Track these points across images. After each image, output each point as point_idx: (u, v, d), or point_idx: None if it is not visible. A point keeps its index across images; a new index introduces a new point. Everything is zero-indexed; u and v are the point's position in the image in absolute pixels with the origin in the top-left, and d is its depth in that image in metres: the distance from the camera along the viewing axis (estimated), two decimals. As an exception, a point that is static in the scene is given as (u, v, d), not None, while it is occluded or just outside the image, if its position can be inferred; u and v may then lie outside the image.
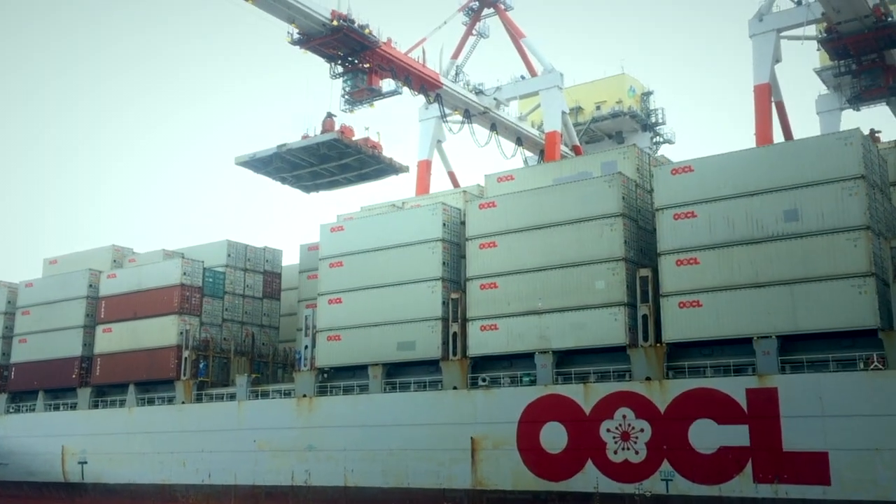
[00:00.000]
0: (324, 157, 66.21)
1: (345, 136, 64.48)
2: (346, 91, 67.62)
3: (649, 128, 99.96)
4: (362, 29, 64.55)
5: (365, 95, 67.38)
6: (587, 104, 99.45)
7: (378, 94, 68.45)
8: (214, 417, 67.91)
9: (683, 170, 49.81)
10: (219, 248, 79.07)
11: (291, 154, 65.64)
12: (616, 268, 51.05)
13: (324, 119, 66.09)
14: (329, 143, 64.31)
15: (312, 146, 64.72)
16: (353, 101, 67.89)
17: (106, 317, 77.84)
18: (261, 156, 66.11)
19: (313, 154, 65.85)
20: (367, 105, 68.57)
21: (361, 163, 67.46)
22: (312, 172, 68.75)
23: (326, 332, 63.12)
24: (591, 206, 52.63)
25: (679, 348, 48.99)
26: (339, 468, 59.69)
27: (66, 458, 77.02)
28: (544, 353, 52.81)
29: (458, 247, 60.29)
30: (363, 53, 65.87)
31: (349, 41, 64.49)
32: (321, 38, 63.61)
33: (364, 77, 66.73)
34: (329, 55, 66.21)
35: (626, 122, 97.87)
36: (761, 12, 72.12)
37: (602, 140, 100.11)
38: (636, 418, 48.47)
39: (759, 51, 72.18)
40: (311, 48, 64.86)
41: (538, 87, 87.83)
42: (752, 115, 70.63)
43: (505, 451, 52.75)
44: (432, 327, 57.87)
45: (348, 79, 67.08)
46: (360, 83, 66.68)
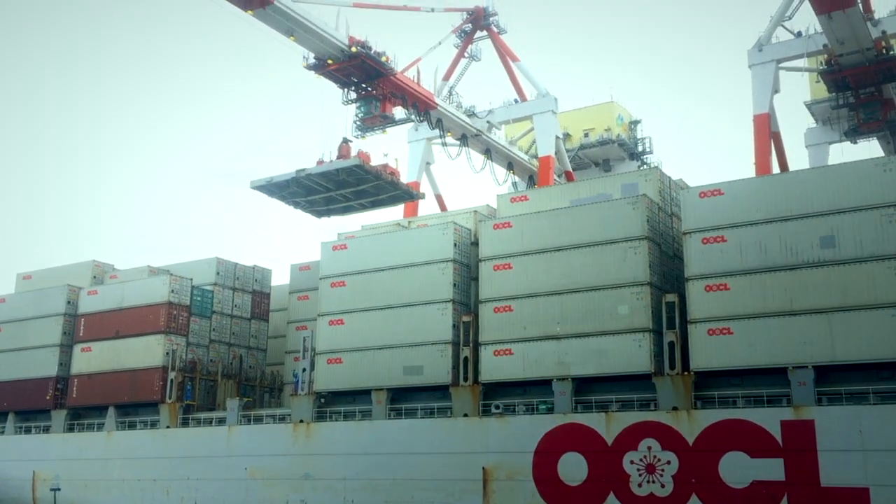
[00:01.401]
0: (342, 183, 65.16)
1: (366, 163, 63.82)
2: (358, 117, 67.38)
3: (636, 156, 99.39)
4: (379, 56, 64.42)
5: (378, 122, 67.32)
6: (575, 131, 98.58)
7: (391, 121, 68.49)
8: (202, 443, 64.44)
9: (712, 193, 48.41)
10: (207, 265, 75.95)
11: (310, 179, 64.56)
12: (640, 292, 49.30)
13: (340, 144, 65.49)
14: (350, 170, 63.45)
15: (332, 172, 63.79)
16: (365, 127, 67.69)
17: (85, 335, 74.08)
18: (278, 180, 64.91)
19: (331, 180, 64.82)
20: (380, 132, 68.62)
21: (378, 189, 66.51)
22: (327, 198, 67.63)
23: (326, 354, 60.35)
24: (614, 228, 50.97)
25: (707, 377, 47.21)
26: (338, 498, 56.68)
27: (38, 484, 72.67)
28: (563, 380, 50.70)
29: (469, 268, 58.22)
30: (377, 80, 65.64)
31: (366, 68, 64.30)
32: (338, 63, 63.23)
33: (377, 104, 66.46)
34: (343, 81, 66.08)
35: (613, 149, 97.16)
36: (761, 42, 72.04)
37: (589, 167, 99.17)
38: (662, 450, 46.46)
39: (758, 81, 72.08)
40: (326, 74, 64.67)
41: (532, 111, 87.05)
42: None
43: (520, 482, 50.33)
44: (442, 351, 55.50)
45: (361, 105, 66.90)
46: (373, 110, 66.46)
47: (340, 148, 65.09)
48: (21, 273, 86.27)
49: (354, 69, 64.36)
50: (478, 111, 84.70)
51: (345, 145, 65.36)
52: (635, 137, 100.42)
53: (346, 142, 65.74)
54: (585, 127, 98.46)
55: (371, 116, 66.66)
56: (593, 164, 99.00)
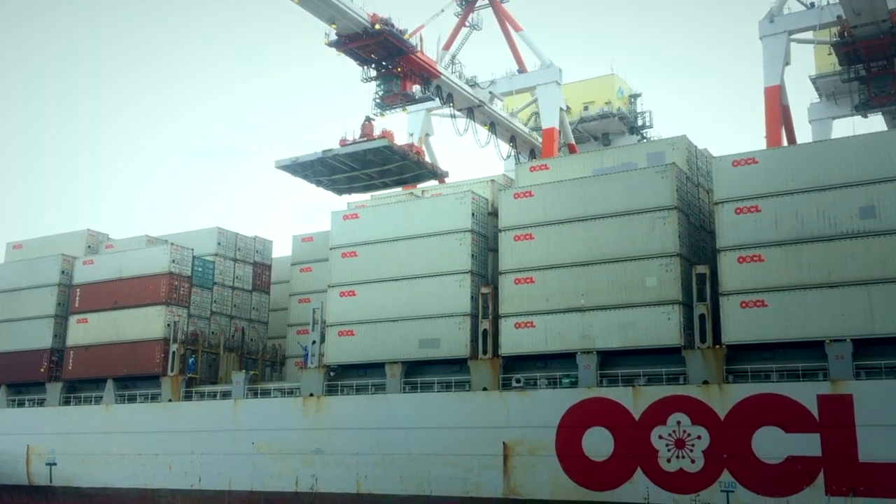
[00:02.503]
0: (367, 163, 64.56)
1: (393, 144, 63.25)
2: (378, 95, 67.01)
3: (636, 130, 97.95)
4: (402, 34, 64.03)
5: (398, 100, 66.93)
6: (574, 104, 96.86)
7: (412, 99, 68.01)
8: (207, 417, 62.61)
9: (746, 161, 47.05)
10: (208, 235, 73.73)
11: (336, 159, 63.93)
12: (669, 264, 47.95)
13: (363, 123, 64.91)
14: (377, 150, 62.76)
15: (360, 152, 63.09)
16: (385, 105, 67.43)
17: (81, 306, 71.60)
18: (304, 160, 64.23)
19: (357, 159, 64.11)
20: (400, 110, 68.58)
21: (402, 168, 65.67)
22: (350, 177, 66.73)
23: (337, 326, 58.59)
24: (642, 197, 49.50)
25: (738, 351, 46.08)
26: (350, 473, 55.21)
27: (32, 458, 70.52)
28: (587, 354, 49.36)
29: (486, 239, 56.61)
30: (398, 58, 65.09)
31: (388, 45, 63.74)
32: (360, 40, 62.57)
33: (398, 82, 65.99)
34: (363, 58, 65.54)
35: (613, 123, 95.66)
36: (772, 14, 70.77)
37: (588, 141, 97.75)
38: (692, 424, 45.34)
39: (769, 53, 70.95)
40: (347, 51, 64.02)
41: (536, 82, 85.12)
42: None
43: (542, 458, 49.08)
44: (459, 324, 53.94)
45: (382, 83, 66.45)
46: (394, 88, 66.03)
47: (363, 127, 64.48)
48: (11, 242, 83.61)
49: (376, 46, 63.62)
50: (480, 82, 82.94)
51: (368, 124, 64.85)
52: (635, 111, 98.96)
53: (368, 121, 65.33)
54: (585, 100, 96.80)
55: (391, 94, 66.18)
56: (592, 137, 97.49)
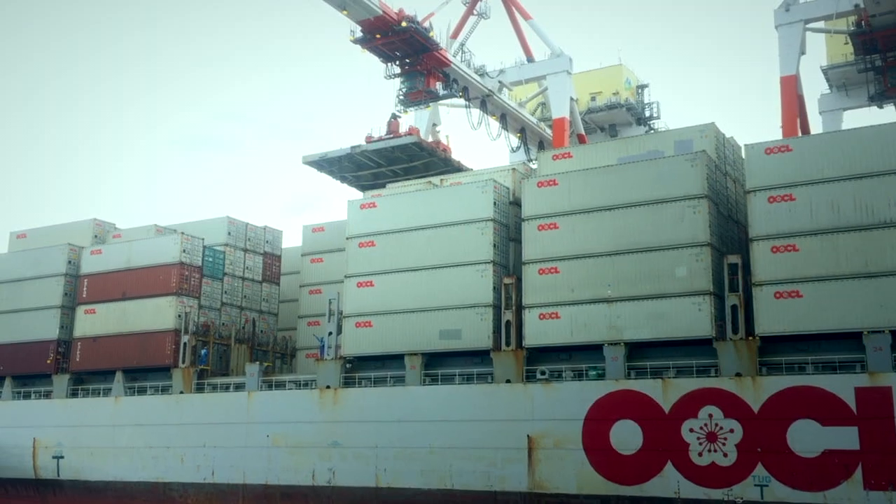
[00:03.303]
0: (394, 159, 64.85)
1: (422, 141, 63.80)
2: (402, 92, 67.58)
3: (643, 121, 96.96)
4: (427, 31, 64.82)
5: (422, 97, 67.64)
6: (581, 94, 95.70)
7: (435, 96, 68.65)
8: (220, 409, 61.40)
9: (780, 149, 46.06)
10: (218, 225, 72.54)
11: (364, 155, 64.33)
12: (700, 254, 46.94)
13: (388, 120, 65.90)
14: (406, 146, 63.10)
15: (388, 148, 63.37)
16: (408, 102, 68.06)
17: (89, 297, 70.26)
18: (332, 156, 64.69)
19: (384, 156, 64.48)
20: (424, 107, 69.42)
21: (428, 165, 65.72)
22: (376, 173, 66.78)
23: (355, 317, 57.44)
24: (671, 186, 48.47)
25: (771, 343, 45.12)
26: (369, 467, 54.15)
27: (38, 452, 69.24)
28: (615, 345, 48.36)
29: (507, 228, 55.55)
30: (422, 55, 65.80)
31: (413, 43, 64.40)
32: (386, 38, 63.08)
33: (422, 79, 66.64)
34: (387, 55, 66.23)
35: (621, 114, 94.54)
36: (788, 2, 69.68)
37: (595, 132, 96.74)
38: (724, 418, 44.40)
39: (785, 42, 69.85)
40: (372, 48, 64.61)
41: (546, 72, 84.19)
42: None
43: (568, 451, 48.10)
44: (482, 315, 52.86)
45: (406, 80, 67.14)
46: (418, 85, 66.70)
47: (389, 124, 64.94)
48: (14, 231, 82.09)
49: (401, 44, 63.97)
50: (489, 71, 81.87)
51: (394, 121, 65.28)
52: (642, 102, 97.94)
53: (394, 117, 65.93)
54: (592, 90, 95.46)
55: (416, 91, 66.69)
56: (599, 128, 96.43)
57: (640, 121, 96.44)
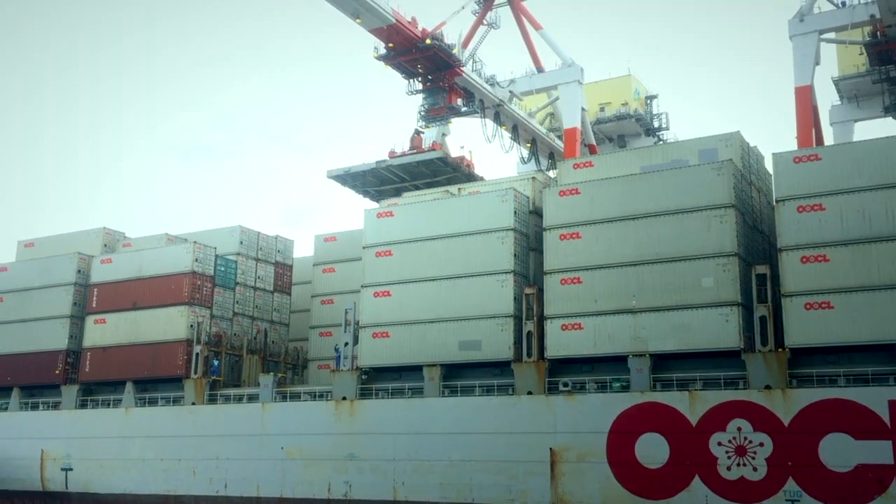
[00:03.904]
0: (417, 174, 65.43)
1: (447, 156, 64.66)
2: (423, 108, 69.14)
3: (652, 132, 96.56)
4: (450, 49, 66.37)
5: (444, 113, 68.93)
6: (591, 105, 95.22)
7: (457, 112, 69.87)
8: (233, 421, 60.48)
9: (809, 158, 45.47)
10: (230, 234, 71.82)
11: (389, 170, 64.96)
12: (727, 264, 46.23)
13: (412, 136, 67.25)
14: (430, 161, 64.00)
15: (412, 164, 64.22)
16: (430, 117, 69.36)
17: (99, 306, 69.46)
18: (356, 170, 65.12)
19: (409, 171, 65.08)
20: (446, 122, 70.54)
21: (451, 180, 65.98)
22: (398, 188, 67.19)
23: (372, 327, 56.62)
24: (697, 195, 47.80)
25: (801, 355, 44.37)
26: (387, 480, 53.24)
27: (46, 463, 68.24)
28: (640, 357, 47.58)
29: (527, 237, 54.87)
30: (444, 72, 67.39)
31: (437, 59, 65.95)
32: (409, 55, 64.46)
33: (444, 95, 68.19)
34: (410, 72, 67.65)
35: (630, 125, 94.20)
36: (802, 13, 69.19)
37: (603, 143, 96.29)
38: (754, 431, 43.57)
39: (799, 52, 69.27)
40: (395, 64, 66.30)
41: (557, 81, 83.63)
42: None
43: (592, 465, 47.25)
44: (502, 325, 52.11)
45: (427, 96, 68.71)
46: (440, 101, 68.22)
47: (412, 139, 66.11)
48: (22, 240, 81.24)
49: (425, 60, 65.34)
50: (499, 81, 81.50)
51: (417, 136, 66.31)
52: (651, 112, 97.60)
53: (417, 133, 67.02)
54: (601, 101, 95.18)
55: (437, 107, 67.95)
56: (607, 139, 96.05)
57: (648, 132, 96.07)
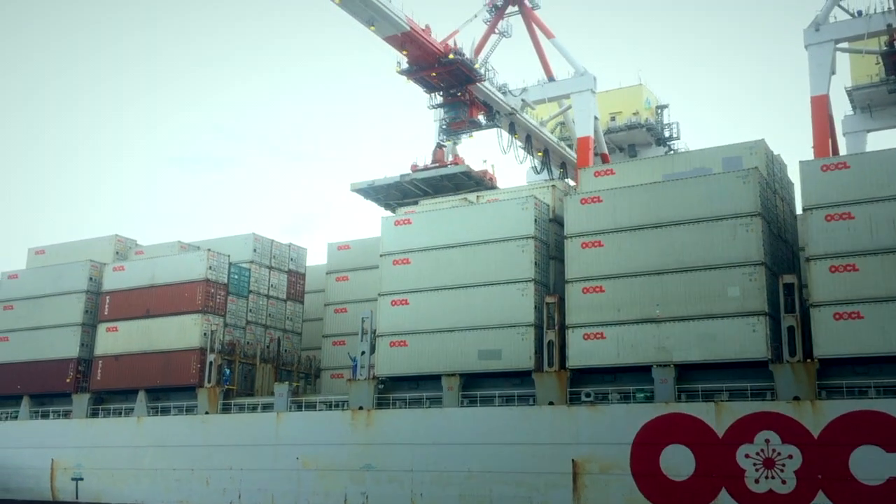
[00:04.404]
0: (441, 188, 65.97)
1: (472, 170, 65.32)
2: (445, 122, 70.00)
3: (663, 142, 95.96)
4: (472, 63, 67.27)
5: (464, 127, 69.82)
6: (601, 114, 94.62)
7: (478, 126, 70.60)
8: (247, 431, 59.76)
9: (837, 166, 44.90)
10: (243, 241, 71.36)
11: (412, 184, 65.79)
12: (753, 273, 45.56)
13: (434, 150, 68.47)
14: (454, 175, 64.68)
15: (437, 177, 65.02)
16: (450, 131, 70.19)
17: (111, 314, 68.92)
18: (380, 184, 65.74)
19: (433, 184, 65.67)
20: (467, 136, 71.54)
21: None
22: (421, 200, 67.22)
23: (389, 336, 55.97)
24: (723, 203, 47.20)
25: (829, 365, 43.67)
26: (404, 491, 52.47)
27: (57, 473, 67.46)
28: (664, 367, 46.87)
29: (547, 246, 54.27)
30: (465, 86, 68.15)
31: (458, 74, 66.68)
32: (432, 68, 65.33)
33: (465, 109, 68.67)
34: (432, 86, 68.35)
35: (640, 134, 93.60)
36: (818, 22, 68.77)
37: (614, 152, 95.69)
38: (782, 443, 42.81)
39: (815, 62, 68.77)
40: (417, 79, 67.22)
41: (570, 90, 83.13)
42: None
43: (616, 476, 46.47)
44: (523, 334, 51.44)
45: (449, 110, 69.29)
46: (461, 115, 68.75)
47: (435, 153, 67.36)
48: (33, 248, 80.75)
49: (447, 75, 66.16)
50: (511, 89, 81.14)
51: (439, 150, 67.50)
52: (662, 122, 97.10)
53: (440, 147, 68.22)
54: (612, 110, 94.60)
55: (458, 121, 68.65)
56: (618, 148, 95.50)
57: (659, 141, 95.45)
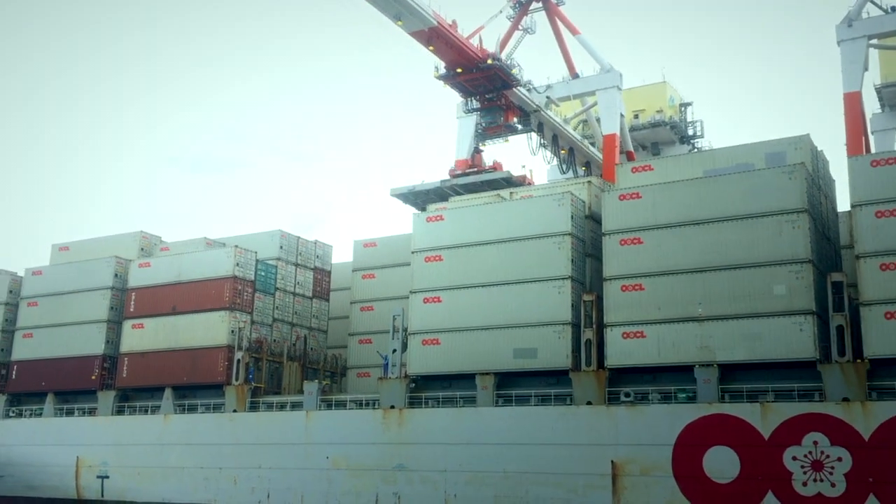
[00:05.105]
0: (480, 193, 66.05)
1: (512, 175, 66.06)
2: (481, 126, 70.95)
3: (687, 140, 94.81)
4: (510, 69, 68.02)
5: (501, 131, 70.96)
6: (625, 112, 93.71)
7: (513, 129, 71.39)
8: (276, 429, 59.02)
9: (888, 161, 43.72)
10: (270, 238, 70.56)
11: (453, 189, 66.40)
12: (801, 271, 44.45)
13: (472, 154, 69.99)
14: (495, 181, 65.49)
15: (477, 183, 65.61)
16: (486, 136, 71.24)
17: (136, 311, 68.27)
18: (420, 189, 66.58)
19: (471, 189, 66.02)
20: (502, 140, 72.78)
21: None
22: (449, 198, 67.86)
23: (421, 334, 55.11)
24: (768, 200, 46.10)
25: (880, 365, 42.53)
26: (437, 492, 51.60)
27: (82, 470, 66.90)
28: (707, 367, 45.81)
29: (584, 243, 53.27)
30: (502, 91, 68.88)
31: (495, 79, 67.46)
32: (470, 74, 66.17)
33: (501, 113, 69.74)
34: (469, 91, 69.12)
35: (664, 132, 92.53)
36: (850, 18, 67.60)
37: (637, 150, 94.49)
38: (831, 445, 41.73)
39: (847, 58, 67.64)
40: (455, 84, 68.04)
41: (596, 87, 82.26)
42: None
43: (657, 479, 45.46)
44: (559, 333, 50.47)
45: (485, 114, 70.30)
46: (498, 119, 69.91)
47: (473, 157, 69.02)
48: (57, 244, 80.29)
49: (484, 80, 66.99)
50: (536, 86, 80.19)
51: (477, 155, 69.13)
52: (686, 120, 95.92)
53: (478, 152, 69.71)
54: (636, 108, 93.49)
55: (495, 126, 69.74)
56: (641, 146, 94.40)
57: (683, 139, 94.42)
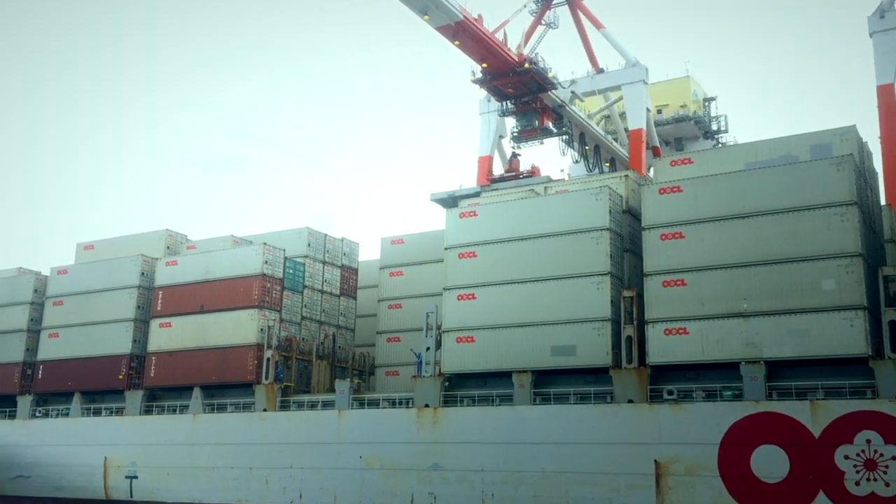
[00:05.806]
0: None
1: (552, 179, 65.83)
2: (516, 129, 71.67)
3: (710, 135, 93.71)
4: (546, 72, 68.33)
5: (536, 135, 71.37)
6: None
7: (549, 132, 71.87)
8: (308, 428, 58.29)
9: (940, 152, 42.49)
10: (298, 235, 69.93)
11: None
12: (850, 265, 43.30)
13: (509, 159, 71.42)
14: None
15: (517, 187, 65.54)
16: (521, 138, 71.63)
17: (164, 310, 67.70)
18: (460, 194, 66.00)
19: None
20: (538, 143, 73.28)
21: None
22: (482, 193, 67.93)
23: (455, 332, 54.25)
24: (815, 192, 44.96)
25: (934, 362, 41.39)
26: (474, 492, 50.73)
27: (110, 471, 66.41)
28: (753, 364, 44.72)
29: (621, 238, 52.28)
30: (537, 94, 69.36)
31: (531, 83, 67.88)
32: (506, 77, 66.61)
33: (536, 116, 70.04)
34: (504, 94, 69.69)
35: (688, 127, 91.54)
36: (882, 9, 66.52)
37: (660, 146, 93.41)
38: (885, 444, 40.58)
39: (880, 49, 66.78)
40: (490, 87, 69.04)
41: (621, 81, 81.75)
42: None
43: (703, 478, 44.42)
44: (599, 330, 49.51)
45: (520, 117, 70.89)
46: (533, 122, 70.28)
47: (510, 162, 69.97)
48: (81, 243, 79.95)
49: (521, 83, 67.29)
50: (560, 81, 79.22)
51: (514, 160, 69.68)
52: (709, 115, 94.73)
53: (515, 156, 70.20)
54: (659, 103, 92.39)
55: (530, 129, 70.14)
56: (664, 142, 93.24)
57: (707, 134, 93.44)
